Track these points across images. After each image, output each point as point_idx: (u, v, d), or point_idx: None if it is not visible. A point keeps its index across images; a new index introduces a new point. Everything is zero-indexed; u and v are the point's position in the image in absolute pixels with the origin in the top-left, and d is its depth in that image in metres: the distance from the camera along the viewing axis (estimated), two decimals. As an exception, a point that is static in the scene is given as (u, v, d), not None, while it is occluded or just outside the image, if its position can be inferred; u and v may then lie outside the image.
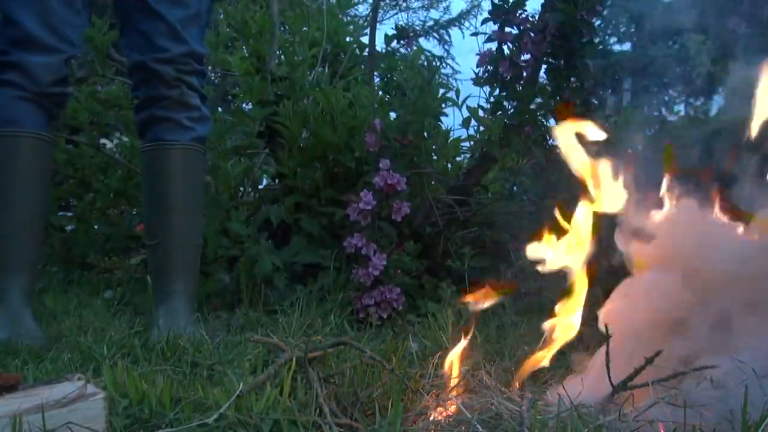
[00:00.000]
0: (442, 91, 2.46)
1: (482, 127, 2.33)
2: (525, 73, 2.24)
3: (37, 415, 0.92)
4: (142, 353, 1.50)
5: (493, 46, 2.25)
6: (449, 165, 2.63)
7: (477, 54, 2.29)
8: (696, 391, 1.06)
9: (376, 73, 2.86)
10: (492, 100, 2.29)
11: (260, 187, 2.89)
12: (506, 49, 2.24)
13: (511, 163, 2.37)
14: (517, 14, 2.21)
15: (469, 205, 2.40)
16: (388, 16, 9.04)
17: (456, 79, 4.10)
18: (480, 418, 1.04)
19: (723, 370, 1.07)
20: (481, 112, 2.32)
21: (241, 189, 2.79)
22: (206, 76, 2.09)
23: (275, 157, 2.69)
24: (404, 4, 9.41)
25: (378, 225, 2.13)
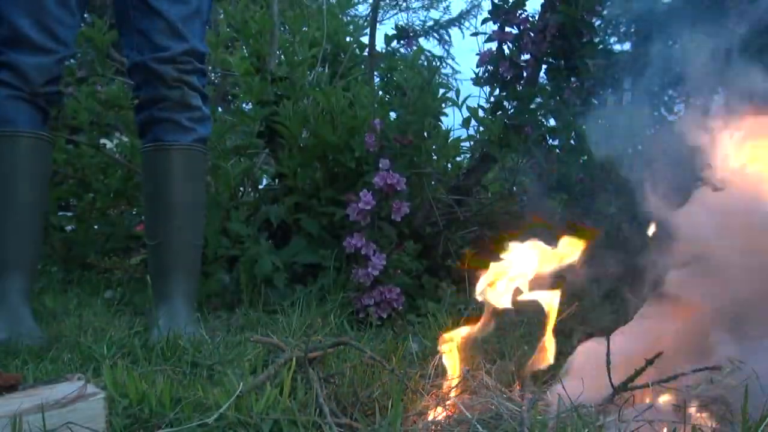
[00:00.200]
0: (442, 91, 2.46)
1: (482, 127, 2.33)
2: (525, 73, 2.25)
3: (37, 415, 0.93)
4: (142, 353, 1.50)
5: (493, 46, 2.25)
6: (449, 165, 2.63)
7: (477, 54, 2.29)
8: (696, 391, 1.06)
9: (376, 73, 2.85)
10: (492, 100, 2.29)
11: (260, 187, 2.89)
12: (506, 49, 2.24)
13: (511, 163, 2.37)
14: (517, 14, 2.21)
15: (469, 205, 2.40)
16: (388, 16, 9.04)
17: (456, 79, 4.09)
18: (480, 418, 1.04)
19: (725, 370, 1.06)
20: (481, 112, 2.32)
21: (241, 189, 2.79)
22: (207, 75, 2.08)
23: (275, 157, 2.69)
24: (404, 4, 9.41)
25: (378, 225, 2.12)
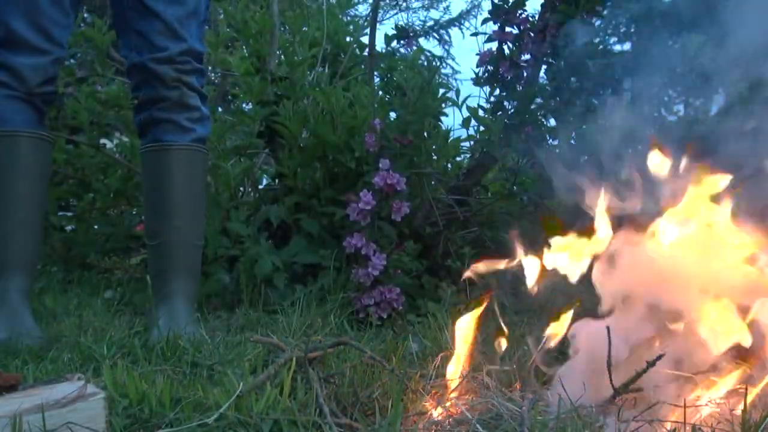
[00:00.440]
0: (442, 91, 2.45)
1: (482, 127, 2.33)
2: (525, 73, 2.25)
3: (37, 415, 0.92)
4: (142, 353, 1.50)
5: (494, 46, 2.26)
6: (449, 165, 2.63)
7: (477, 54, 2.29)
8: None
9: (376, 73, 2.85)
10: (492, 100, 2.29)
11: (260, 187, 2.89)
12: (506, 49, 2.24)
13: (511, 163, 2.36)
14: (517, 14, 2.21)
15: (469, 205, 2.40)
16: (388, 16, 9.01)
17: (456, 79, 4.10)
18: (480, 418, 1.04)
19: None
20: (481, 112, 2.32)
21: (241, 189, 2.79)
22: (206, 75, 2.08)
23: (275, 157, 2.69)
24: (404, 4, 9.40)
25: (378, 225, 2.12)
